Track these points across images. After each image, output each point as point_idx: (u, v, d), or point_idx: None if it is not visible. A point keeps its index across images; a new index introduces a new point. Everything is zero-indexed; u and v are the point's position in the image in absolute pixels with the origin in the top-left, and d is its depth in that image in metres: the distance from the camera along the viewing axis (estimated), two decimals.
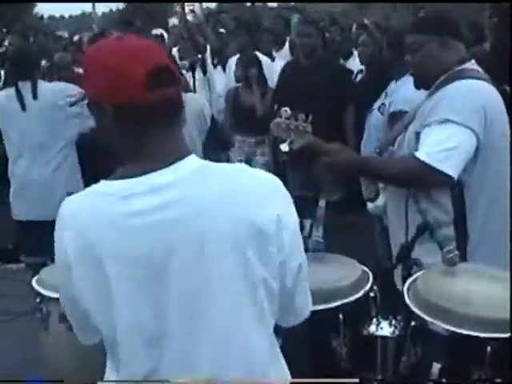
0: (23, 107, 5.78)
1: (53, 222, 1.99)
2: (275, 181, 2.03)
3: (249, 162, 7.58)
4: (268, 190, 1.98)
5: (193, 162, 1.95)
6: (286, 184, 2.05)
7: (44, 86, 5.90)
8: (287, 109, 3.40)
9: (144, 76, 1.86)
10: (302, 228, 2.23)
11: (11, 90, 5.89)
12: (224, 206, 1.89)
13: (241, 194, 1.93)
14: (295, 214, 2.02)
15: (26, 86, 5.81)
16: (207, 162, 1.98)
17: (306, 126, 3.37)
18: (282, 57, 9.03)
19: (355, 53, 8.79)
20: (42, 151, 5.85)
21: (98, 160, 3.50)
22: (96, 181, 1.99)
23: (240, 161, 7.56)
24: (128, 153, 1.95)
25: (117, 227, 1.88)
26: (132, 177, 1.91)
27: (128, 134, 1.93)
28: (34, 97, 5.78)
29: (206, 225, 1.88)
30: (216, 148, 6.82)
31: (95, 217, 1.90)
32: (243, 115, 7.67)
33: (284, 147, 3.37)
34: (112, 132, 1.95)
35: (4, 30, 15.26)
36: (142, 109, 1.88)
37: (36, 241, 5.37)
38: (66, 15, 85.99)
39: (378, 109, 5.81)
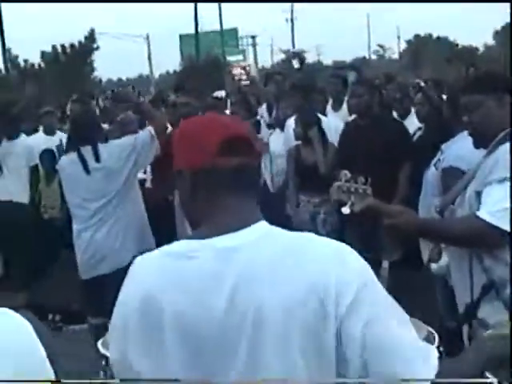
0: (87, 171, 5.92)
1: (117, 278, 2.04)
2: (343, 247, 2.01)
3: (313, 221, 7.60)
4: (333, 257, 1.96)
5: (261, 228, 2.00)
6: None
7: (105, 147, 6.04)
8: (347, 172, 3.44)
9: (217, 144, 1.98)
10: None
11: (74, 155, 6.03)
12: (286, 272, 1.91)
13: (304, 260, 1.93)
14: (353, 292, 1.90)
15: (87, 150, 5.96)
16: (275, 229, 2.02)
17: (365, 189, 3.39)
18: (341, 117, 9.05)
19: (413, 110, 8.81)
20: (106, 211, 5.98)
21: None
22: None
23: (304, 220, 7.61)
24: (201, 216, 2.04)
25: (181, 288, 1.94)
26: (201, 239, 1.98)
27: (202, 198, 2.03)
28: (97, 160, 5.93)
29: (266, 289, 1.90)
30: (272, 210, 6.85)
31: (161, 277, 1.97)
32: (305, 174, 7.66)
33: (345, 210, 3.39)
34: (188, 196, 2.07)
35: (66, 95, 15.64)
36: (215, 175, 1.99)
37: (101, 299, 5.45)
38: (124, 78, 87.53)
39: (434, 164, 5.82)
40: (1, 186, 8.77)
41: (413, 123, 8.05)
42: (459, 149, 4.93)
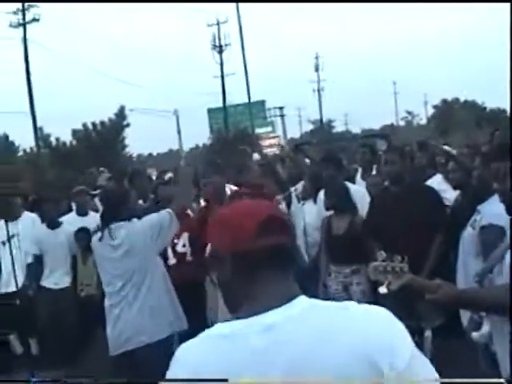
0: (112, 248, 6.05)
1: (143, 355, 2.07)
2: (386, 313, 2.06)
3: (346, 291, 7.55)
4: (378, 323, 2.01)
5: (302, 303, 2.05)
6: None
7: (135, 224, 6.15)
8: (382, 252, 3.45)
9: (255, 226, 2.06)
10: None
11: (104, 232, 6.14)
12: (335, 341, 1.95)
13: (352, 328, 1.97)
14: (409, 346, 2.01)
15: (118, 227, 6.06)
16: (316, 302, 2.07)
17: (402, 267, 3.40)
18: (372, 185, 9.07)
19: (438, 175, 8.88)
20: (131, 288, 6.06)
21: None
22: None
23: (336, 291, 7.58)
24: (242, 296, 2.10)
25: (231, 369, 1.96)
26: (245, 318, 2.02)
27: (242, 279, 2.10)
28: (117, 238, 6.03)
29: (319, 361, 1.93)
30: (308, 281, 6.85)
31: (209, 361, 2.00)
32: (336, 244, 7.67)
33: (382, 290, 3.41)
34: (229, 279, 2.13)
35: (98, 169, 15.79)
36: (254, 255, 2.06)
37: (128, 375, 5.51)
38: (154, 153, 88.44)
39: (471, 225, 5.82)
40: (45, 272, 8.93)
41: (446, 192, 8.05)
42: (496, 207, 4.91)
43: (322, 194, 8.45)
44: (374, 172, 10.11)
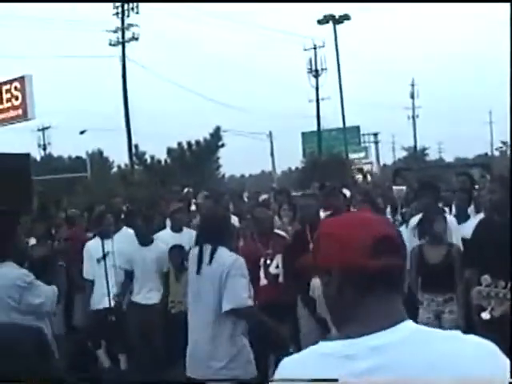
0: (198, 271, 5.90)
1: None
2: (491, 345, 1.99)
3: (437, 319, 7.50)
4: (484, 354, 1.95)
5: (409, 327, 2.00)
6: None
7: (223, 251, 5.96)
8: (487, 277, 3.35)
9: (370, 243, 1.99)
10: None
11: (196, 251, 6.03)
12: (438, 369, 1.89)
13: (455, 359, 1.91)
14: None
15: (207, 249, 5.94)
16: (422, 327, 2.03)
17: (506, 293, 3.29)
18: (471, 214, 8.92)
19: None
20: (211, 312, 5.86)
21: None
22: None
23: (428, 319, 7.46)
24: (348, 315, 2.04)
25: None
26: (351, 338, 1.98)
27: (349, 297, 2.04)
28: (210, 261, 5.87)
29: None
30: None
31: (315, 377, 1.95)
32: (429, 273, 7.61)
33: (485, 316, 3.32)
34: (336, 296, 2.07)
35: (191, 189, 15.96)
36: (366, 274, 1.99)
37: None
38: (247, 174, 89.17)
39: None
40: (135, 288, 9.01)
41: None
42: None
43: (413, 221, 8.38)
44: (472, 201, 9.93)
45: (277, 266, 7.82)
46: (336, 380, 1.90)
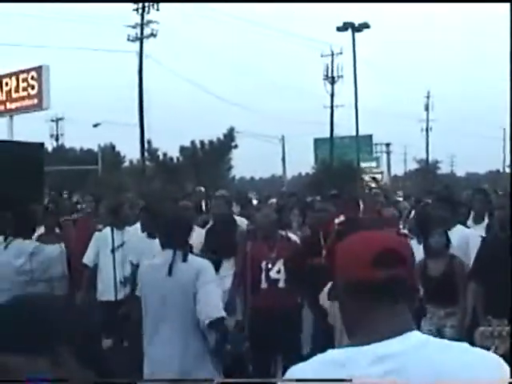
0: (170, 272, 5.70)
1: None
2: (497, 359, 2.02)
3: (438, 333, 7.40)
4: (490, 368, 1.97)
5: (416, 337, 2.03)
6: None
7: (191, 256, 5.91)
8: (490, 317, 3.37)
9: (371, 257, 2.06)
10: None
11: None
12: (443, 380, 1.91)
13: (460, 370, 1.94)
14: None
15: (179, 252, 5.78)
16: (428, 337, 2.06)
17: (508, 330, 3.31)
18: (483, 230, 8.90)
19: None
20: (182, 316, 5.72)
21: None
22: None
23: (429, 331, 7.43)
24: (354, 325, 2.11)
25: None
26: (357, 346, 2.02)
27: (354, 308, 2.10)
28: (182, 262, 5.74)
29: None
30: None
31: None
32: (431, 285, 7.55)
33: None
34: (344, 307, 2.16)
35: (202, 188, 15.98)
36: (369, 286, 2.06)
37: None
38: (257, 177, 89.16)
39: None
40: None
41: None
42: None
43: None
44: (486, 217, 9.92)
45: (278, 271, 7.81)
46: (350, 380, 1.93)
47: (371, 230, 2.33)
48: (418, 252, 8.43)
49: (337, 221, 7.99)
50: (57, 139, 61.96)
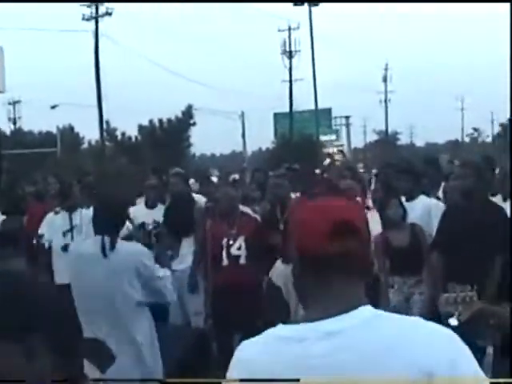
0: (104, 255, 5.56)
1: None
2: (449, 334, 2.01)
3: (407, 302, 7.54)
4: (441, 340, 1.97)
5: (366, 312, 2.01)
6: None
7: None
8: (454, 284, 3.39)
9: (327, 229, 2.00)
10: None
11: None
12: (393, 355, 1.91)
13: (411, 342, 1.93)
14: (472, 364, 1.96)
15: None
16: (380, 312, 2.03)
17: (472, 296, 3.32)
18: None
19: None
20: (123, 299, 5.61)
21: None
22: None
23: (399, 301, 7.54)
24: (307, 299, 2.08)
25: (290, 370, 1.95)
26: (308, 322, 2.00)
27: (310, 282, 2.06)
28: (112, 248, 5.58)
29: (373, 371, 1.90)
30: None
31: (271, 360, 1.99)
32: (396, 256, 7.61)
33: (453, 321, 3.35)
34: (298, 279, 2.12)
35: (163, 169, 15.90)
36: (323, 259, 2.01)
37: None
38: (217, 154, 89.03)
39: None
40: None
41: None
42: None
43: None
44: (441, 187, 9.98)
45: (238, 248, 7.82)
46: (297, 380, 1.93)
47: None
48: (377, 223, 8.51)
49: (293, 196, 8.01)
50: (14, 123, 61.34)
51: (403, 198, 8.24)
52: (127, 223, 6.34)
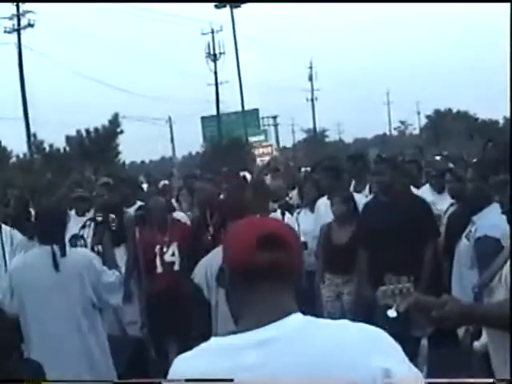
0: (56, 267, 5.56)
1: None
2: (376, 332, 2.09)
3: (338, 299, 7.62)
4: (367, 342, 2.03)
5: (297, 319, 2.08)
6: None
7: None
8: (391, 276, 3.44)
9: (254, 242, 2.08)
10: None
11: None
12: (323, 361, 1.98)
13: (344, 348, 2.00)
14: (406, 365, 2.03)
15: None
16: (311, 319, 2.10)
17: (408, 287, 3.38)
18: (364, 195, 9.07)
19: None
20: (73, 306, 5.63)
21: None
22: None
23: (329, 297, 7.63)
24: (239, 310, 2.15)
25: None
26: (241, 332, 2.07)
27: (240, 293, 2.14)
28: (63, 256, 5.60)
29: (311, 374, 1.97)
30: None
31: (205, 374, 2.04)
32: (334, 253, 7.67)
33: (391, 313, 3.39)
34: (228, 292, 2.21)
35: (92, 177, 15.79)
36: (251, 270, 2.09)
37: None
38: (147, 160, 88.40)
39: (466, 236, 5.83)
40: None
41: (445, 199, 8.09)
42: (492, 219, 4.98)
43: (320, 203, 8.44)
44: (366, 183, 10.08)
45: (172, 254, 7.82)
46: (231, 380, 1.98)
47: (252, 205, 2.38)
48: (310, 221, 8.57)
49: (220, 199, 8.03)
50: None
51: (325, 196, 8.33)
52: None
